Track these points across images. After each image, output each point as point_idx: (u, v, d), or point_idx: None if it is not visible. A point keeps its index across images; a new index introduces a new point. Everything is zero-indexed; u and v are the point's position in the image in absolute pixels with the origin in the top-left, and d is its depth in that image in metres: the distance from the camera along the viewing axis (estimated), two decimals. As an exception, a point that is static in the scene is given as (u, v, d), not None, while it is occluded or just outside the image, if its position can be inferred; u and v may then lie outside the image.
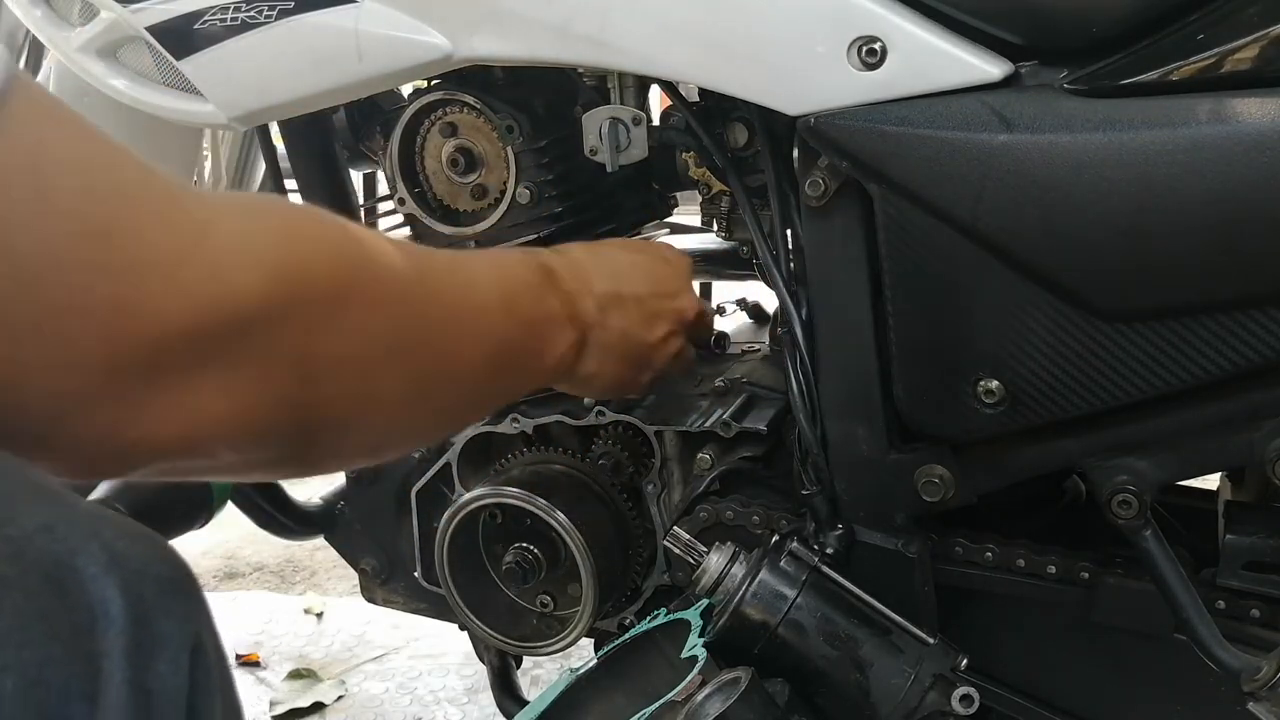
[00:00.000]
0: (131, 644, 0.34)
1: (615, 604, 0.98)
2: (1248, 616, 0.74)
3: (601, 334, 0.76)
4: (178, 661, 0.36)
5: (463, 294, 0.64)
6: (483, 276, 0.66)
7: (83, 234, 0.39)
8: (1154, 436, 0.70)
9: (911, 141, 0.66)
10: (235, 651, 1.69)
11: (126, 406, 0.42)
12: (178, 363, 0.43)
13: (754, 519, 0.86)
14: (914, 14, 0.67)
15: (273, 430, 0.50)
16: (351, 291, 0.52)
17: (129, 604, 0.34)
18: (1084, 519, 0.88)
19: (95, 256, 0.40)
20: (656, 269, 0.83)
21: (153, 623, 0.35)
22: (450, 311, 0.62)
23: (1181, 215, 0.61)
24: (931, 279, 0.69)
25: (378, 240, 0.57)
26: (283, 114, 0.92)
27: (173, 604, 0.36)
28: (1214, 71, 0.61)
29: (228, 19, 0.82)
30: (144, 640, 0.34)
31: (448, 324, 0.61)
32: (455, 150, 0.93)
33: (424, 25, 0.79)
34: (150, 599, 0.35)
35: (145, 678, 0.34)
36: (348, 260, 0.52)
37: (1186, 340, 0.64)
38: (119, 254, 0.40)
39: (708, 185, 0.99)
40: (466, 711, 1.54)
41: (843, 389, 0.78)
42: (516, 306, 0.68)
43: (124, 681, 0.33)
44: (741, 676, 0.66)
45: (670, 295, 0.83)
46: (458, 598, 0.99)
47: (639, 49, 0.74)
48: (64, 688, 0.32)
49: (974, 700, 0.70)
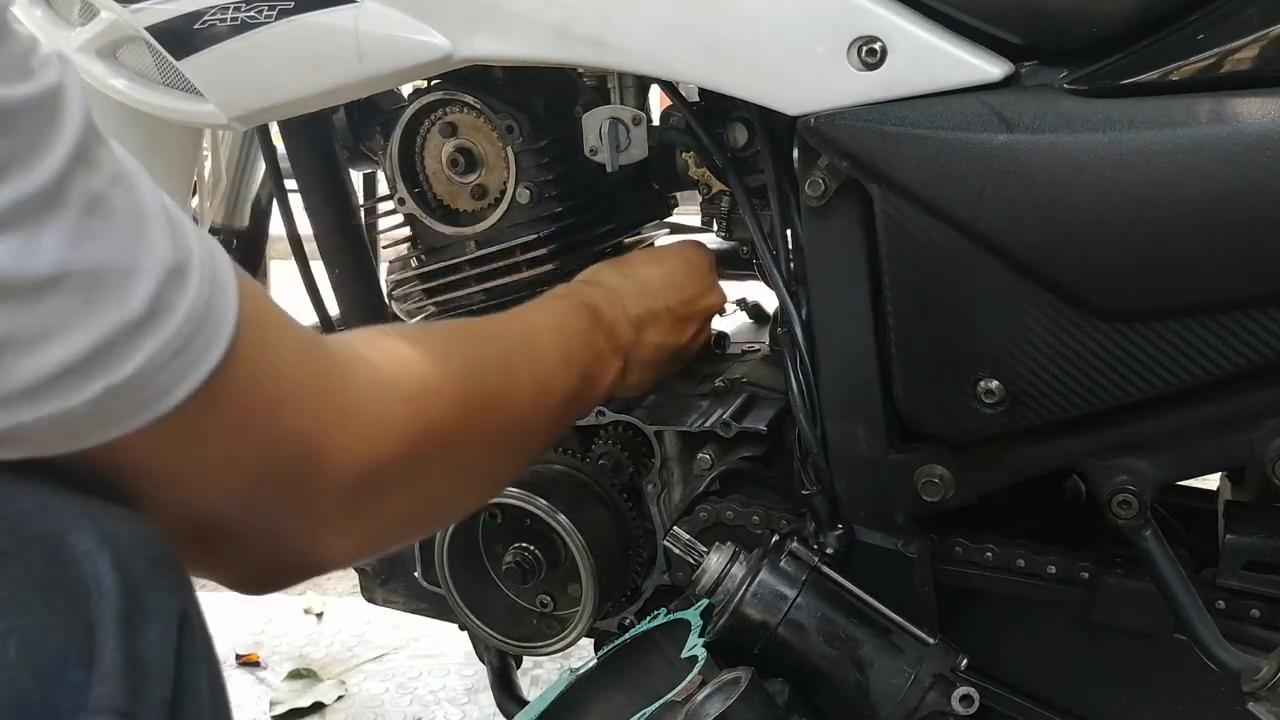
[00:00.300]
0: (123, 614, 0.36)
1: (615, 604, 0.98)
2: (1248, 616, 0.74)
3: (639, 352, 0.83)
4: (166, 633, 0.38)
5: (535, 370, 0.71)
6: (546, 343, 0.74)
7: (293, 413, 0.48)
8: (1154, 436, 0.70)
9: (911, 141, 0.66)
10: (235, 651, 1.69)
11: (328, 532, 0.52)
12: (367, 494, 0.53)
13: (754, 519, 0.86)
14: (914, 14, 0.67)
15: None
16: (470, 421, 0.62)
17: (120, 577, 0.37)
18: (1084, 519, 0.88)
19: (301, 423, 0.49)
20: (681, 276, 0.88)
21: (142, 596, 0.37)
22: (529, 397, 0.70)
23: (1182, 215, 0.61)
24: (931, 279, 0.69)
25: (474, 351, 0.66)
26: (283, 114, 0.92)
27: (160, 579, 0.39)
28: (1214, 71, 0.61)
29: (228, 19, 0.82)
30: (135, 612, 0.37)
31: (526, 407, 0.70)
32: (455, 150, 0.93)
33: (424, 25, 0.79)
34: (139, 574, 0.38)
35: (136, 646, 0.36)
36: (465, 399, 0.61)
37: (1186, 340, 0.64)
38: (322, 412, 0.50)
39: (708, 185, 0.99)
40: (466, 711, 1.54)
41: (843, 389, 0.78)
42: (574, 360, 0.75)
43: (117, 649, 0.35)
44: (741, 676, 0.66)
45: (697, 298, 0.89)
46: (458, 598, 0.99)
47: (639, 49, 0.74)
48: (62, 653, 0.34)
49: (974, 700, 0.70)
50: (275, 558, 0.53)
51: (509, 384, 0.68)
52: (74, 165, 0.37)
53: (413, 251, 1.00)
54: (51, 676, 0.34)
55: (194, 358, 0.41)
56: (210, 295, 0.42)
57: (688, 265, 0.90)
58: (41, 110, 0.36)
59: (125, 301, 0.38)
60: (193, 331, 0.41)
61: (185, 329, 0.40)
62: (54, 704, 0.33)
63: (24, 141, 0.35)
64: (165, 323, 0.39)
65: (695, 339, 0.90)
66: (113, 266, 0.38)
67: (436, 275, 0.98)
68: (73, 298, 0.36)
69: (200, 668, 0.40)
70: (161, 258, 0.39)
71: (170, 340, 0.40)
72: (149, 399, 0.40)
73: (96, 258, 0.37)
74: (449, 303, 0.99)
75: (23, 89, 0.36)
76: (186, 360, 0.41)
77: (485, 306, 0.98)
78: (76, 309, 0.36)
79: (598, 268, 0.87)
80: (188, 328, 0.40)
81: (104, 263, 0.37)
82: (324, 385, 0.50)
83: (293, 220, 1.11)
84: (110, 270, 0.37)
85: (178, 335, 0.40)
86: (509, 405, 0.68)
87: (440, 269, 0.98)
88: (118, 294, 0.38)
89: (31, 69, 0.37)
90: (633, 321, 0.83)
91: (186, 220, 0.43)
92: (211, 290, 0.42)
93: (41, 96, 0.36)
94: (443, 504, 0.67)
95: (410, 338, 0.62)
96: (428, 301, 1.00)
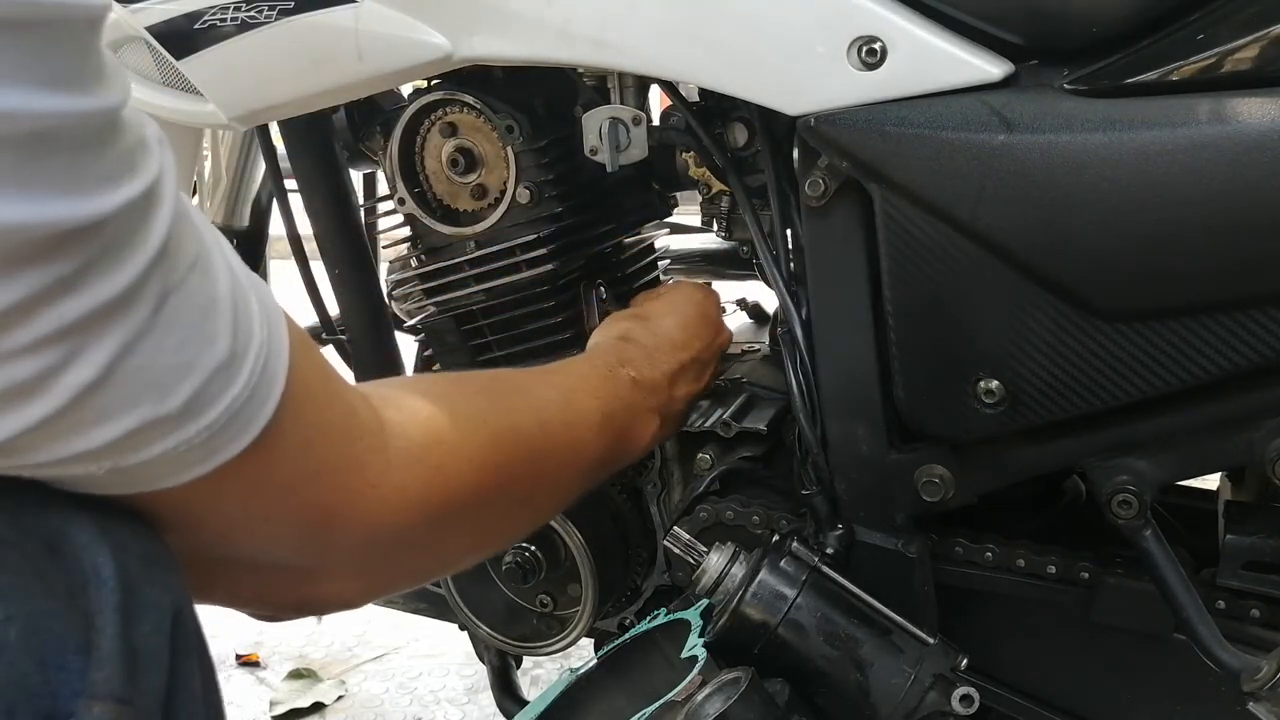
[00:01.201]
0: (121, 605, 0.37)
1: (615, 604, 0.98)
2: (1248, 616, 0.74)
3: (673, 406, 0.85)
4: (161, 626, 0.39)
5: (570, 436, 0.72)
6: (585, 406, 0.75)
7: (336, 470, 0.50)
8: (1154, 436, 0.69)
9: (911, 141, 0.66)
10: (235, 651, 1.69)
11: (340, 580, 0.55)
12: (382, 553, 0.55)
13: (754, 519, 0.86)
14: (914, 14, 0.67)
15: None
16: (496, 489, 0.63)
17: (118, 570, 0.37)
18: (1084, 519, 0.88)
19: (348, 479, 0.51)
20: (696, 323, 0.91)
21: (139, 589, 0.38)
22: (559, 462, 0.71)
23: (1182, 215, 0.61)
24: (931, 279, 0.69)
25: (509, 419, 0.66)
26: (283, 114, 0.92)
27: (156, 575, 0.40)
28: (1214, 71, 0.61)
29: (228, 19, 0.82)
30: (131, 603, 0.37)
31: (555, 471, 0.71)
32: (455, 150, 0.93)
33: (424, 25, 0.79)
34: (135, 569, 0.38)
35: (133, 636, 0.37)
36: (494, 471, 0.63)
37: (1186, 340, 0.64)
38: (348, 482, 0.51)
39: (708, 185, 0.99)
40: (466, 711, 1.54)
41: (843, 389, 0.78)
42: (611, 423, 0.77)
43: (114, 637, 0.36)
44: (741, 676, 0.66)
45: (714, 343, 0.92)
46: (458, 598, 0.99)
47: (639, 49, 0.74)
48: (61, 639, 0.35)
49: (974, 700, 0.70)
50: (284, 597, 0.55)
51: (541, 451, 0.69)
52: (155, 265, 0.36)
53: (413, 251, 1.00)
54: (51, 661, 0.34)
55: (220, 445, 0.41)
56: (256, 385, 0.41)
57: (700, 310, 0.93)
58: (135, 210, 0.35)
59: (164, 400, 0.37)
60: (227, 421, 0.41)
61: (220, 420, 0.40)
62: (53, 688, 0.34)
63: (111, 249, 0.35)
64: (200, 418, 0.39)
65: (713, 379, 0.93)
66: (164, 366, 0.37)
67: (436, 275, 0.98)
68: (112, 395, 0.36)
69: (193, 661, 0.40)
70: (217, 354, 0.39)
71: (199, 432, 0.40)
72: (160, 476, 0.40)
73: (150, 360, 0.36)
74: (449, 303, 0.99)
75: (121, 194, 0.34)
76: (211, 447, 0.41)
77: (485, 306, 0.98)
78: (113, 404, 0.36)
79: (627, 325, 0.88)
80: (223, 419, 0.40)
81: (156, 363, 0.37)
82: (353, 459, 0.51)
83: (293, 220, 1.11)
84: (160, 369, 0.37)
85: (208, 428, 0.40)
86: (538, 473, 0.69)
87: (440, 269, 0.98)
88: (159, 392, 0.37)
89: (134, 166, 0.36)
90: (668, 379, 0.85)
91: (254, 294, 0.43)
92: (259, 379, 0.42)
93: (138, 197, 0.35)
94: (457, 561, 0.73)
95: (445, 400, 0.62)
96: (428, 301, 1.00)
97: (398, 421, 0.55)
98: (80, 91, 0.33)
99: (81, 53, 0.33)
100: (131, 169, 0.35)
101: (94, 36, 0.34)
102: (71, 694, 0.34)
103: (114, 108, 0.35)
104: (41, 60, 0.31)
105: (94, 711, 0.34)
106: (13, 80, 0.30)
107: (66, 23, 0.32)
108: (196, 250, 0.39)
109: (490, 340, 1.00)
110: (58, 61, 0.32)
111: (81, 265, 0.33)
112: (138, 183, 0.35)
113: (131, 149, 0.36)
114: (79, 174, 0.33)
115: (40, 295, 0.33)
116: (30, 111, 0.31)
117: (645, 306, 0.93)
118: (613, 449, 0.77)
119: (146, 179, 0.36)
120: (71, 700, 0.34)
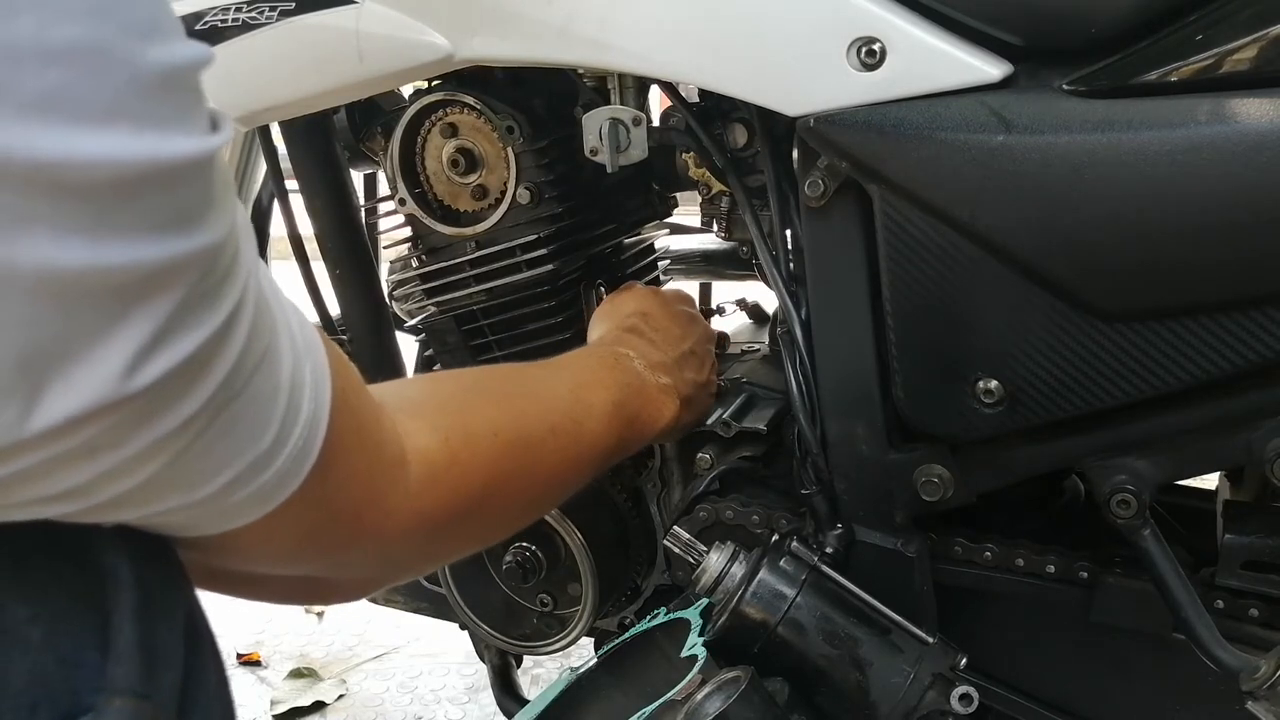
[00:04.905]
0: (138, 604, 0.37)
1: (615, 604, 0.98)
2: (1247, 616, 0.74)
3: (685, 389, 0.86)
4: (176, 624, 0.39)
5: (581, 432, 0.73)
6: (596, 398, 0.75)
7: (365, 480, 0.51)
8: (1153, 436, 0.70)
9: (911, 142, 0.66)
10: (236, 651, 1.69)
11: (351, 575, 0.57)
12: (392, 557, 0.57)
13: (754, 519, 0.86)
14: (913, 15, 0.67)
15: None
16: (505, 492, 0.65)
17: (134, 571, 0.38)
18: (1084, 519, 0.88)
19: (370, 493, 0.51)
20: (684, 319, 0.92)
21: (155, 593, 0.39)
22: (571, 458, 0.72)
23: (1180, 215, 0.61)
24: (930, 279, 0.69)
25: (521, 424, 0.67)
26: (283, 114, 0.92)
27: (170, 580, 0.40)
28: (1214, 71, 0.61)
29: (228, 19, 0.82)
30: (148, 603, 0.38)
31: (566, 468, 0.72)
32: (456, 151, 0.94)
33: (424, 26, 0.79)
34: (150, 571, 0.39)
35: (149, 637, 0.37)
36: (506, 477, 0.64)
37: (1185, 340, 0.64)
38: (368, 515, 0.52)
39: (708, 185, 0.99)
40: (467, 711, 1.54)
41: (842, 389, 0.78)
42: (622, 411, 0.77)
43: (132, 635, 0.37)
44: (741, 676, 0.67)
45: (704, 336, 0.93)
46: (458, 597, 0.99)
47: (639, 49, 0.74)
48: (80, 637, 0.35)
49: (973, 699, 0.70)
50: (285, 599, 0.57)
51: (550, 453, 0.70)
52: (220, 390, 0.35)
53: (413, 252, 1.00)
54: (71, 658, 0.35)
55: (238, 514, 0.41)
56: (287, 469, 0.41)
57: (684, 307, 0.95)
58: (212, 343, 0.34)
59: (193, 491, 0.38)
60: (246, 497, 0.40)
61: (243, 499, 0.40)
62: (73, 684, 0.35)
63: (183, 381, 0.34)
64: (225, 499, 0.39)
65: (713, 371, 0.93)
66: (204, 470, 0.37)
67: (437, 275, 0.98)
68: (141, 494, 0.36)
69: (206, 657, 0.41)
70: (260, 447, 0.39)
71: (220, 504, 0.40)
72: (176, 530, 0.41)
73: (189, 464, 0.36)
74: (450, 303, 0.99)
75: (203, 330, 0.33)
76: (228, 516, 0.41)
77: (486, 307, 0.98)
78: (140, 500, 0.36)
79: (620, 334, 0.88)
80: (248, 499, 0.40)
81: (193, 466, 0.37)
82: (373, 497, 0.51)
83: (293, 220, 1.12)
84: (199, 473, 0.37)
85: (232, 502, 0.40)
86: (547, 475, 0.70)
87: (441, 269, 0.98)
88: (190, 485, 0.37)
89: (219, 298, 0.34)
90: (676, 363, 0.86)
91: (308, 360, 0.42)
92: (293, 458, 0.41)
93: (213, 334, 0.34)
94: (463, 551, 0.77)
95: (461, 415, 0.62)
96: (428, 301, 1.00)
97: (418, 449, 0.56)
98: (187, 231, 0.32)
99: (196, 194, 0.33)
100: (215, 301, 0.34)
101: (207, 172, 0.33)
102: (91, 690, 0.35)
103: (219, 242, 0.34)
104: (156, 209, 0.31)
105: (114, 705, 0.35)
106: (132, 231, 0.30)
107: (181, 171, 0.32)
108: (268, 341, 0.38)
109: (491, 340, 1.00)
110: (169, 210, 0.31)
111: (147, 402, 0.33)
112: (217, 316, 0.34)
113: (220, 280, 0.35)
114: (178, 317, 0.33)
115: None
116: (139, 262, 0.31)
117: (633, 310, 0.93)
118: (624, 436, 0.78)
119: (229, 305, 0.35)
120: (91, 696, 0.35)
